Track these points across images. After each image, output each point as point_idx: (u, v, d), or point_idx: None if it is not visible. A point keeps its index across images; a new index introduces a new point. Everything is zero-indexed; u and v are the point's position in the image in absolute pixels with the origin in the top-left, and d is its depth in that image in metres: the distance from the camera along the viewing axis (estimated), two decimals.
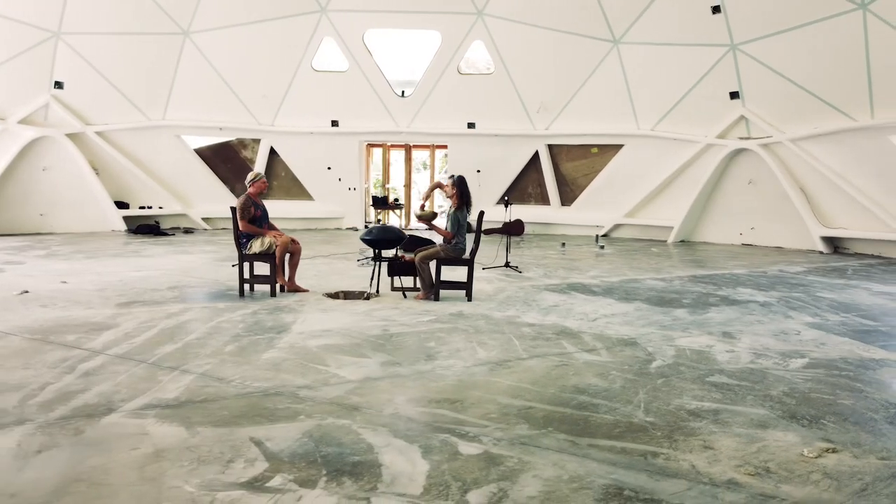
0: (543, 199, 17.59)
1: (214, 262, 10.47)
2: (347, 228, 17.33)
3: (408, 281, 7.82)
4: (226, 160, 16.99)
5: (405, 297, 7.56)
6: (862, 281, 9.69)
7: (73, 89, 14.73)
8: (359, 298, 7.54)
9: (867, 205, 12.90)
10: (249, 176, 7.84)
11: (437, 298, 7.42)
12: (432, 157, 19.17)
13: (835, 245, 13.71)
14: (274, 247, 7.41)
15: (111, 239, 13.67)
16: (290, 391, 4.17)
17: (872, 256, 13.00)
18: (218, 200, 16.67)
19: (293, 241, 7.77)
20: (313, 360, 4.89)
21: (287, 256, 7.67)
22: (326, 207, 17.43)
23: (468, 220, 7.68)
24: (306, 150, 16.88)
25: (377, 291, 7.67)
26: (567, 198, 17.37)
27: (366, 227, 17.55)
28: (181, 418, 3.66)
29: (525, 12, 15.08)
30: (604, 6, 14.55)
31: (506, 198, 11.86)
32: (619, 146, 16.38)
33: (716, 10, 13.45)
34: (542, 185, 17.48)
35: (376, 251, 7.70)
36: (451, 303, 7.29)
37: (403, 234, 7.79)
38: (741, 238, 15.21)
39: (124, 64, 14.89)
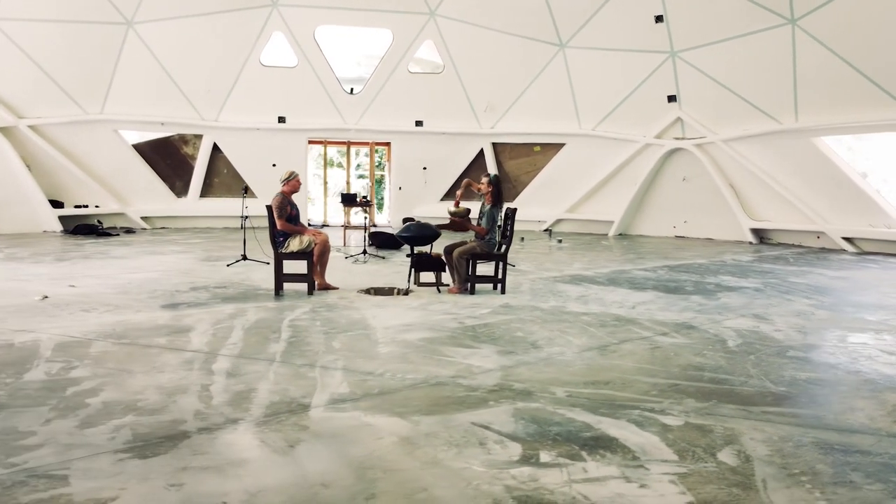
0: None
1: (199, 262, 10.18)
2: None
3: (430, 276, 8.05)
4: (165, 156, 16.30)
5: (440, 291, 7.80)
6: (811, 267, 10.91)
7: (6, 80, 13.69)
8: (390, 294, 7.70)
9: (791, 199, 14.38)
10: (283, 175, 7.77)
11: (472, 292, 7.71)
12: (371, 154, 19.22)
13: (760, 236, 15.17)
14: (312, 245, 7.42)
15: (52, 240, 12.83)
16: (449, 380, 4.38)
17: (794, 245, 14.51)
18: (157, 199, 16.04)
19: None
20: (433, 353, 5.08)
21: None
22: None
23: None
24: (251, 147, 16.51)
25: (410, 287, 7.84)
26: (510, 194, 17.98)
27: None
28: (384, 410, 3.80)
29: (476, 14, 15.53)
30: (553, 11, 15.27)
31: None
32: (561, 145, 17.23)
33: (659, 19, 14.50)
34: None
35: (412, 247, 7.88)
36: (486, 296, 7.61)
37: (439, 231, 8.01)
38: (674, 231, 16.47)
39: (62, 54, 13.97)
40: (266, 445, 3.27)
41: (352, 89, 16.86)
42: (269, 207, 7.49)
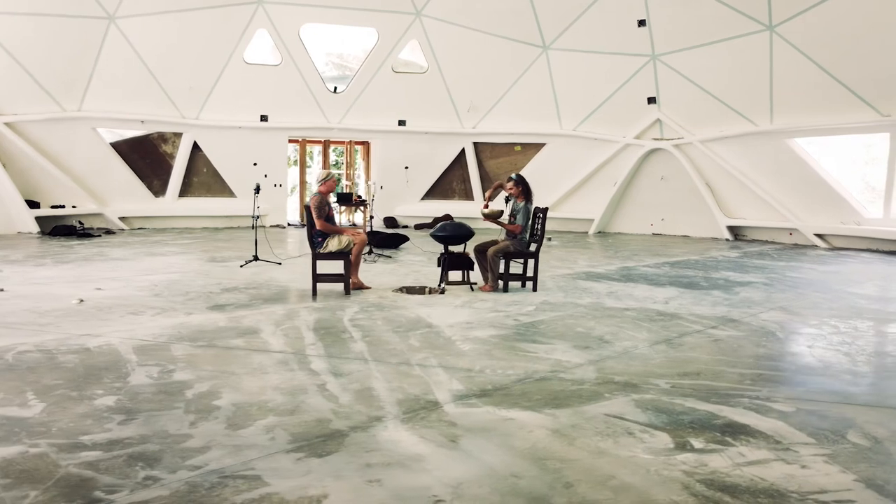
0: (467, 195, 18.35)
1: (207, 263, 10.02)
2: (272, 226, 16.88)
3: (456, 274, 8.17)
4: (144, 155, 15.87)
5: (473, 289, 7.93)
6: (797, 262, 11.49)
7: None
8: (422, 293, 7.78)
9: (765, 198, 15.04)
10: (320, 175, 7.75)
11: (506, 290, 7.87)
12: (347, 153, 19.10)
13: (735, 233, 15.81)
14: (352, 245, 7.44)
15: (33, 242, 12.38)
16: (550, 375, 4.53)
17: (767, 242, 15.19)
18: (135, 199, 15.64)
19: None
20: (512, 349, 5.22)
21: None
22: (249, 205, 16.79)
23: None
24: (232, 146, 16.24)
25: (444, 286, 7.95)
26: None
27: (288, 224, 17.25)
28: (512, 404, 3.92)
29: (462, 15, 15.68)
30: (538, 14, 15.54)
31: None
32: (542, 145, 17.54)
33: (641, 23, 14.94)
34: (466, 181, 18.23)
35: (445, 246, 7.98)
36: (520, 293, 7.78)
37: (473, 231, 8.14)
38: (652, 228, 16.99)
39: (40, 49, 13.46)
40: (429, 441, 3.35)
41: (335, 88, 16.77)
42: (307, 208, 7.47)
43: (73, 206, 14.61)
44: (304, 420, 3.61)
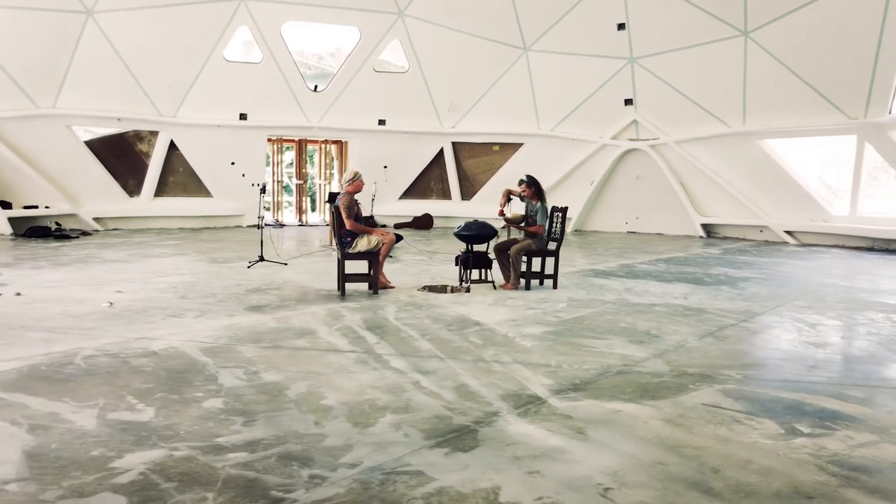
0: (445, 194, 18.47)
1: (210, 263, 9.86)
2: (248, 226, 16.66)
3: (474, 273, 8.29)
4: (119, 154, 15.42)
5: (495, 287, 8.06)
6: (778, 258, 12.03)
7: None
8: (443, 291, 7.87)
9: (737, 196, 15.65)
10: (348, 175, 7.75)
11: (528, 287, 8.03)
12: (320, 152, 18.94)
13: (707, 230, 16.39)
14: (380, 245, 7.47)
15: (10, 245, 11.92)
16: (626, 369, 4.70)
17: (739, 239, 15.80)
18: (110, 199, 15.20)
19: None
20: (572, 345, 5.37)
21: None
22: (226, 205, 16.62)
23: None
24: (209, 144, 15.94)
25: (469, 285, 8.05)
26: (467, 192, 18.45)
27: (272, 224, 17.03)
28: (611, 397, 4.07)
29: (445, 15, 15.78)
30: (519, 15, 15.78)
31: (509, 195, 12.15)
32: (520, 145, 17.80)
33: (621, 26, 15.35)
34: (444, 180, 18.35)
35: (469, 246, 8.08)
36: (541, 291, 7.95)
37: (496, 230, 8.26)
38: (626, 227, 17.45)
39: (14, 43, 12.97)
40: (557, 433, 3.47)
41: (316, 87, 16.63)
42: (336, 208, 7.45)
43: (47, 207, 14.11)
44: (423, 417, 3.67)
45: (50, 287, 7.57)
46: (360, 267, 7.73)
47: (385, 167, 17.57)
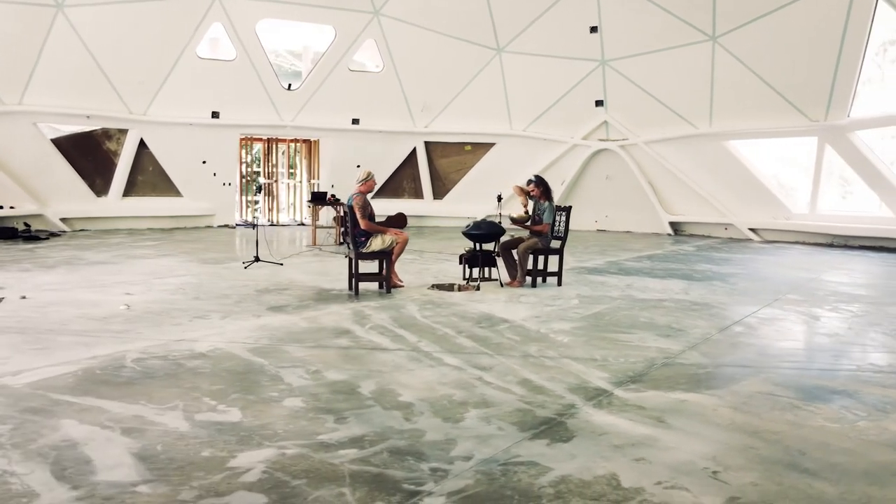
0: (417, 193, 18.54)
1: (202, 264, 9.70)
2: (219, 226, 16.41)
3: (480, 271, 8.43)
4: (86, 153, 14.94)
5: (502, 286, 8.21)
6: (749, 255, 12.56)
7: None
8: (451, 290, 7.97)
9: (704, 195, 16.23)
10: (361, 175, 7.76)
11: (534, 285, 8.21)
12: (288, 151, 18.74)
13: (674, 228, 16.93)
14: (394, 244, 7.52)
15: None
16: (669, 361, 4.90)
17: (705, 236, 16.39)
18: (77, 198, 14.74)
19: None
20: (605, 339, 5.56)
21: None
22: (197, 204, 16.30)
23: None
24: (180, 143, 15.60)
25: (479, 283, 8.17)
26: (439, 192, 18.56)
27: (243, 224, 16.81)
28: (669, 388, 4.26)
29: (420, 15, 15.84)
30: (494, 17, 15.97)
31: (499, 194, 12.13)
32: (492, 144, 18.01)
33: (593, 29, 15.71)
34: (416, 179, 18.41)
35: (479, 244, 8.20)
36: (549, 288, 8.14)
37: (504, 229, 8.40)
38: (596, 225, 17.87)
39: None
40: (640, 423, 3.63)
41: (290, 85, 16.46)
42: (350, 208, 7.47)
43: (12, 207, 13.57)
44: (505, 411, 3.78)
45: (49, 290, 7.35)
46: (362, 266, 7.76)
47: (358, 167, 17.46)
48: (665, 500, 2.74)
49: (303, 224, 17.93)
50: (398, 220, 18.16)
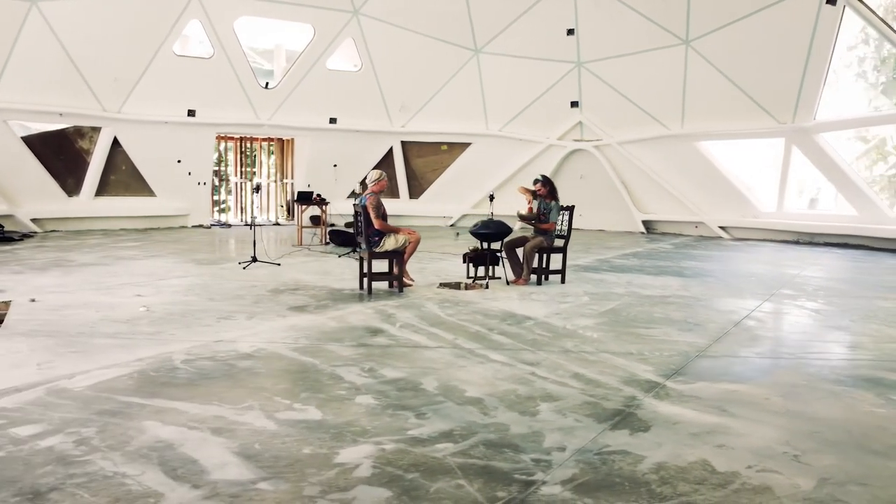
0: (392, 193, 18.53)
1: (198, 265, 9.58)
2: (194, 226, 16.15)
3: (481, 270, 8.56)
4: (58, 151, 14.52)
5: (508, 283, 8.36)
6: (728, 252, 13.03)
7: None
8: (457, 288, 8.08)
9: (675, 194, 16.71)
10: (374, 175, 7.78)
11: (539, 283, 8.39)
12: (259, 150, 18.54)
13: (647, 227, 17.39)
14: (407, 243, 7.59)
15: None
16: (704, 354, 5.13)
17: (677, 234, 16.88)
18: (49, 198, 14.31)
19: None
20: (633, 335, 5.75)
21: None
22: (170, 204, 16.01)
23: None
24: (155, 142, 15.30)
25: (487, 282, 8.30)
26: (415, 191, 18.64)
27: (218, 224, 16.59)
28: (719, 379, 4.47)
29: (398, 15, 15.89)
30: (472, 18, 16.13)
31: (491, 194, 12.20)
32: (468, 144, 18.18)
33: (570, 32, 16.02)
34: (391, 179, 18.38)
35: (488, 243, 8.32)
36: (554, 286, 8.33)
37: (511, 228, 8.54)
38: None
39: None
40: (704, 412, 3.81)
41: (267, 84, 16.30)
42: (363, 208, 7.51)
43: None
44: (573, 404, 3.92)
45: (54, 292, 7.17)
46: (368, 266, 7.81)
47: (335, 166, 17.47)
48: (763, 482, 2.92)
49: (278, 224, 17.78)
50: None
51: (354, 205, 7.72)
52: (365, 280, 7.57)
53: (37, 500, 2.64)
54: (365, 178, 8.13)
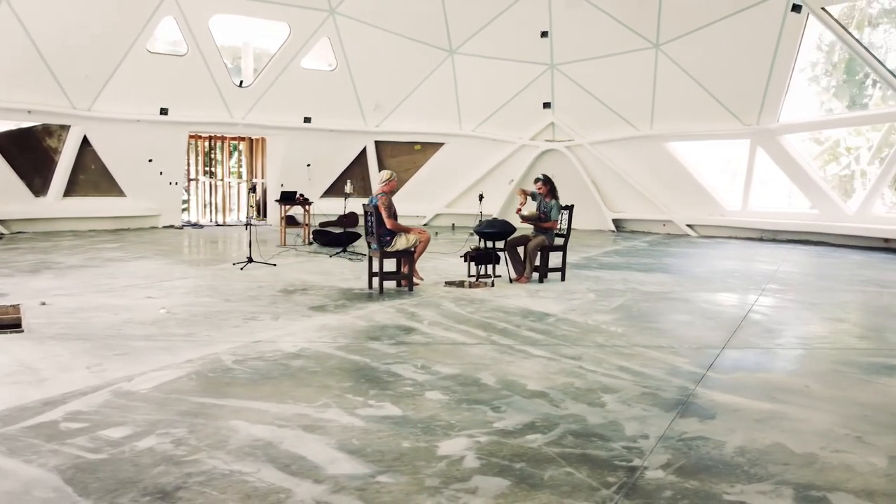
0: (366, 193, 18.45)
1: (192, 266, 9.46)
2: (165, 227, 15.85)
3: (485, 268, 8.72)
4: (25, 150, 14.03)
5: (511, 281, 8.53)
6: (702, 249, 13.52)
7: None
8: (462, 286, 8.23)
9: (644, 194, 17.21)
10: (384, 175, 7.87)
11: (541, 280, 8.59)
12: (225, 149, 18.26)
13: (616, 225, 17.84)
14: (417, 243, 7.68)
15: None
16: (732, 348, 5.39)
17: (646, 233, 17.38)
18: (15, 199, 13.83)
19: None
20: (653, 329, 6.00)
21: None
22: (141, 205, 15.65)
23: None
24: (126, 140, 14.93)
25: (493, 280, 8.44)
26: None
27: (189, 224, 16.31)
28: (756, 370, 4.73)
29: (375, 15, 15.90)
30: (448, 19, 16.26)
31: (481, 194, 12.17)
32: (441, 144, 18.31)
33: (544, 34, 16.32)
34: (365, 179, 18.39)
35: (492, 241, 8.46)
36: (555, 283, 8.54)
37: (515, 228, 8.70)
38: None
39: None
40: (756, 400, 4.04)
41: (241, 82, 16.09)
42: (375, 207, 7.56)
43: None
44: (633, 395, 4.10)
45: (59, 295, 6.99)
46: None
47: (308, 165, 17.31)
48: (841, 460, 3.15)
49: (250, 224, 17.51)
50: (350, 220, 18.15)
51: (365, 205, 7.77)
52: (375, 279, 7.63)
53: (167, 500, 2.66)
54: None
